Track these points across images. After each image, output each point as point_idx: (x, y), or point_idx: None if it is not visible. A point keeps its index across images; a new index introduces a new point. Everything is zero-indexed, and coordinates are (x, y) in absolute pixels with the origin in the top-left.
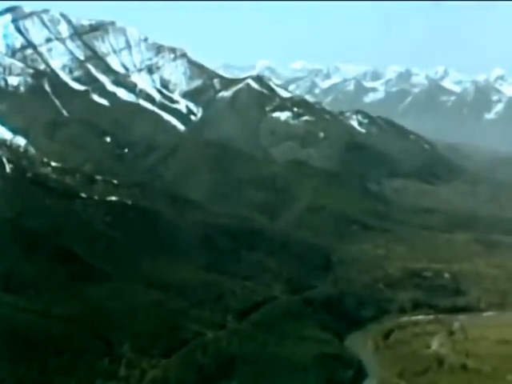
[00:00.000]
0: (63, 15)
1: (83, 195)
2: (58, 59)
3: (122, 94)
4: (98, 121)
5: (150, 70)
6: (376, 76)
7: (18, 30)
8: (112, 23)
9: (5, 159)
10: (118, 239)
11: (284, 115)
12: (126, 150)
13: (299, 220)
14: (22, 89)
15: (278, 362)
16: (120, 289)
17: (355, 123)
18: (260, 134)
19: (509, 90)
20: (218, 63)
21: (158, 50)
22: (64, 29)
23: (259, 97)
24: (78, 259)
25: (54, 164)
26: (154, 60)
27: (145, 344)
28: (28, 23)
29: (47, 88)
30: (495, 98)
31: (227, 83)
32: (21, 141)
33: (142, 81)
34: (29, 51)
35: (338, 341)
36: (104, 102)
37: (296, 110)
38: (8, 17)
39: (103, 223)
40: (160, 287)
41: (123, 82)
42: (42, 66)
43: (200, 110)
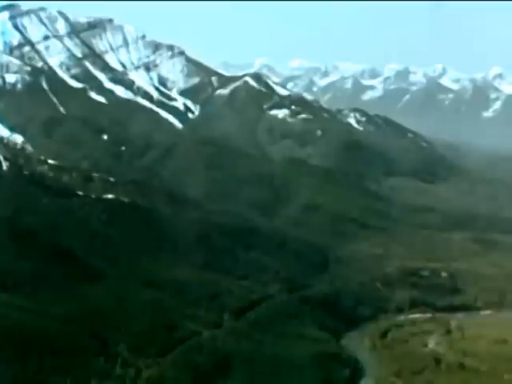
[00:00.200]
0: (61, 13)
1: (80, 193)
2: (56, 57)
3: (120, 91)
4: (96, 118)
5: (148, 68)
6: (374, 74)
7: (16, 27)
8: (110, 21)
9: (1, 157)
10: (115, 237)
11: (282, 113)
12: (124, 148)
13: (297, 218)
14: (19, 86)
15: (274, 361)
16: (116, 287)
17: (353, 121)
18: (258, 132)
19: (507, 88)
20: (216, 61)
21: (156, 47)
22: (61, 26)
23: (257, 95)
24: (75, 258)
25: (50, 162)
26: (152, 58)
27: (140, 343)
28: (25, 21)
29: (45, 85)
30: (493, 96)
31: (225, 81)
32: (18, 138)
33: (140, 78)
34: (26, 49)
35: (335, 340)
36: (101, 99)
37: (294, 107)
38: (5, 14)
39: (100, 221)
40: (156, 286)
41: (121, 79)
42: (39, 64)
43: (198, 107)
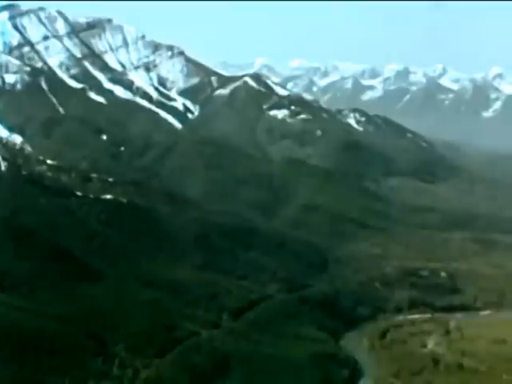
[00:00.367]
0: (60, 13)
1: (78, 193)
2: (55, 57)
3: (119, 91)
4: (95, 119)
5: (147, 68)
6: (374, 74)
7: (15, 27)
8: (109, 21)
9: (0, 157)
10: (114, 238)
11: (281, 113)
12: (123, 148)
13: (296, 218)
14: (18, 86)
15: (273, 362)
16: (115, 288)
17: (353, 121)
18: (257, 132)
19: (507, 88)
20: (216, 61)
21: (156, 47)
22: (61, 26)
23: (256, 95)
24: (73, 258)
25: (49, 162)
26: (151, 58)
27: (138, 343)
28: (25, 21)
29: (44, 86)
30: (493, 96)
31: (224, 81)
32: (17, 139)
33: (139, 78)
34: (26, 49)
35: (333, 340)
36: (101, 99)
37: (293, 108)
38: (5, 14)
39: (99, 221)
40: (155, 286)
41: (120, 79)
42: (38, 64)
43: (197, 107)
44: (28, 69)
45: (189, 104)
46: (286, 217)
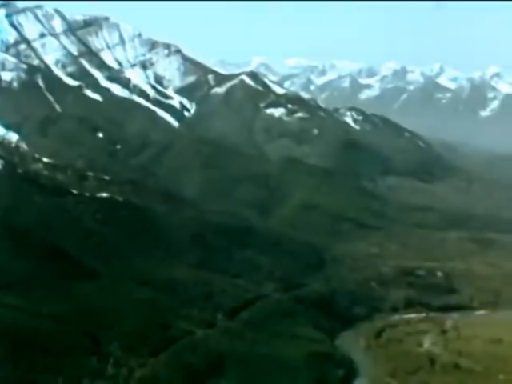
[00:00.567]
0: (57, 11)
1: (75, 192)
2: (52, 54)
3: (116, 89)
4: (91, 117)
5: (144, 66)
6: (371, 73)
7: (12, 25)
8: (106, 19)
9: None
10: (109, 236)
11: (278, 112)
12: (119, 147)
13: (292, 218)
14: (15, 84)
15: (268, 361)
16: (110, 287)
17: (350, 120)
18: (254, 130)
19: (504, 88)
20: (213, 59)
21: (152, 45)
22: (58, 24)
23: (253, 93)
24: (68, 256)
25: (45, 160)
26: (148, 56)
27: (133, 342)
28: (22, 18)
29: (40, 83)
30: (491, 95)
31: (221, 79)
32: (13, 137)
33: (136, 76)
34: (22, 46)
35: (329, 339)
36: (97, 97)
37: (290, 106)
38: (2, 12)
39: (94, 220)
40: (150, 285)
41: (117, 77)
42: (35, 62)
43: (194, 106)
44: (24, 66)
45: (185, 102)
46: (282, 216)
